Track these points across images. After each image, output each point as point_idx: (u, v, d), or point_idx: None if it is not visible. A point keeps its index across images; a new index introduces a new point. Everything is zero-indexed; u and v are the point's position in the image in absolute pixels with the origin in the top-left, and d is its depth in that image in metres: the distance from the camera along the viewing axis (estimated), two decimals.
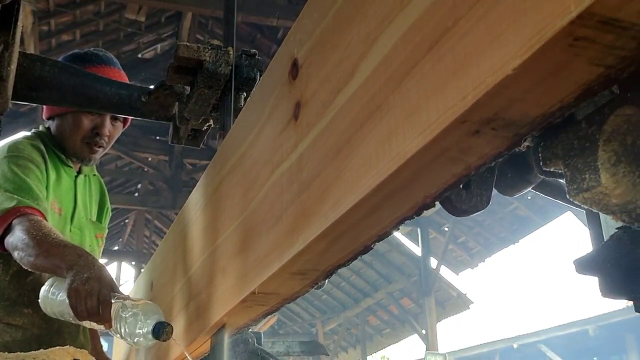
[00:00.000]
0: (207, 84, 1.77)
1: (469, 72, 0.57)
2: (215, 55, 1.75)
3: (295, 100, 0.94)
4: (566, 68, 0.52)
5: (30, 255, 1.70)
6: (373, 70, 0.73)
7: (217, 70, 1.75)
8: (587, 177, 0.57)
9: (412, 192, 0.71)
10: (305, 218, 0.85)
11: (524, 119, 0.58)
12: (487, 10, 0.56)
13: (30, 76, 1.96)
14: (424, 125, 0.62)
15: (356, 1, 0.79)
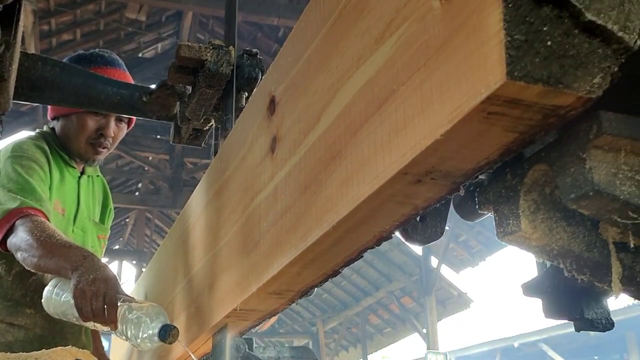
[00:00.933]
0: (208, 83, 1.79)
1: (408, 132, 0.66)
2: (217, 55, 1.77)
3: (272, 134, 1.03)
4: (486, 134, 0.61)
5: (34, 256, 1.72)
6: (335, 118, 0.82)
7: (219, 70, 1.77)
8: (510, 223, 0.66)
9: (369, 228, 0.81)
10: (279, 246, 0.95)
11: (458, 171, 0.68)
12: (421, 82, 0.65)
13: (32, 76, 1.99)
14: (374, 174, 0.72)
15: (323, 52, 0.89)
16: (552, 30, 0.56)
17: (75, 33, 10.98)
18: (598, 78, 0.56)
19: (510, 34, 0.54)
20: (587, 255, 0.66)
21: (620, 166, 0.59)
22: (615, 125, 0.58)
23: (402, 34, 0.70)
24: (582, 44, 0.56)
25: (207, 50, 1.78)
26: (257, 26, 10.79)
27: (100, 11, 10.74)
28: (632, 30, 0.57)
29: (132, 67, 11.62)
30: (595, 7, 0.56)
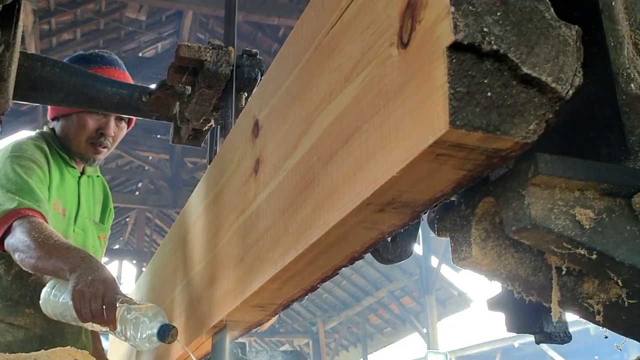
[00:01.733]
0: (208, 83, 1.80)
1: (370, 167, 0.73)
2: (217, 55, 1.78)
3: (256, 156, 1.11)
4: (437, 172, 0.68)
5: (32, 258, 1.72)
6: (310, 147, 0.90)
7: (218, 70, 1.77)
8: (464, 249, 0.73)
9: (340, 250, 0.88)
10: (260, 263, 1.02)
11: (416, 202, 0.75)
12: (382, 122, 0.72)
13: (32, 76, 1.99)
14: (341, 203, 0.79)
15: (301, 83, 0.96)
16: (492, 82, 0.63)
17: (75, 32, 11.03)
18: (533, 125, 0.63)
19: (454, 87, 0.61)
20: (532, 279, 0.74)
21: (556, 202, 0.66)
22: (550, 165, 0.65)
23: (367, 75, 0.77)
24: (520, 94, 0.64)
25: (207, 50, 1.78)
26: (257, 26, 10.84)
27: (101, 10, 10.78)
28: (565, 81, 0.64)
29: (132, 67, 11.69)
30: (532, 60, 0.64)
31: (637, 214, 0.69)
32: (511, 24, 0.64)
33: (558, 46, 0.65)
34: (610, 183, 0.67)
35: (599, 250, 0.66)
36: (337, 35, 0.86)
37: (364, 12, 0.80)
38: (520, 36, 0.64)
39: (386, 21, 0.74)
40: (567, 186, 0.67)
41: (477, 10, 0.63)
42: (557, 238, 0.66)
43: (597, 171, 0.67)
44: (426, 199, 0.74)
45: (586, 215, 0.66)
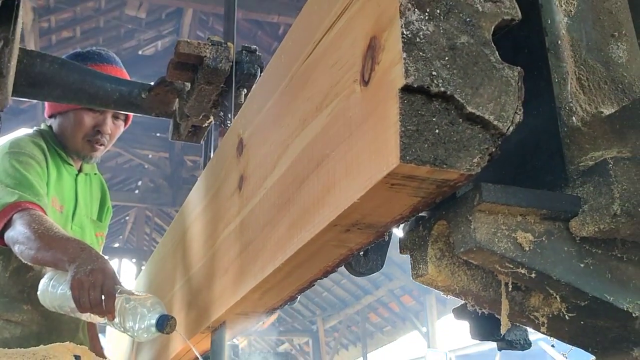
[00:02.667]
0: (207, 80, 1.80)
1: (336, 192, 0.82)
2: (216, 51, 1.78)
3: (240, 173, 1.19)
4: (394, 198, 0.76)
5: (32, 249, 1.72)
6: (286, 169, 0.98)
7: (218, 66, 1.77)
8: (421, 267, 0.82)
9: (314, 265, 0.96)
10: (243, 275, 1.10)
11: (378, 223, 0.83)
12: (346, 152, 0.80)
13: (31, 72, 1.99)
14: (312, 223, 0.87)
15: (279, 108, 1.04)
16: (440, 120, 0.71)
17: (75, 30, 11.08)
18: (477, 158, 0.71)
19: (405, 125, 0.69)
20: (483, 294, 0.82)
21: (500, 226, 0.74)
22: (493, 194, 0.73)
23: (335, 107, 0.85)
24: (465, 130, 0.72)
25: (206, 46, 1.79)
26: (257, 24, 10.90)
27: (100, 8, 10.82)
28: (506, 119, 0.72)
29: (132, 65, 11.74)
30: (476, 100, 0.72)
31: (574, 236, 0.77)
32: (458, 68, 0.72)
33: (501, 87, 0.73)
34: (549, 209, 0.75)
35: (538, 269, 0.74)
36: (310, 67, 0.94)
37: (332, 48, 0.88)
38: (466, 78, 0.72)
39: (351, 59, 0.82)
40: (509, 212, 0.75)
41: (427, 55, 0.71)
42: (500, 259, 0.74)
43: (537, 198, 0.75)
44: (387, 221, 0.82)
45: (526, 238, 0.74)
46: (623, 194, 0.73)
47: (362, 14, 0.81)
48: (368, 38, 0.78)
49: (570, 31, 0.87)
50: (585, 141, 0.81)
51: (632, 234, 0.75)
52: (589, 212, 0.75)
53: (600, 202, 0.74)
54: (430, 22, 0.73)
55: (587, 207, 0.76)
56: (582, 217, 0.76)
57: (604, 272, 0.77)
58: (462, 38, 0.74)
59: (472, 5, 0.76)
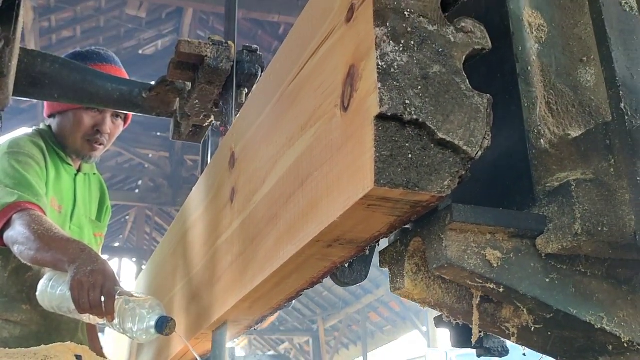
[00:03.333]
0: (208, 79, 1.81)
1: (319, 210, 0.87)
2: (217, 51, 1.78)
3: (232, 186, 1.24)
4: (371, 217, 0.82)
5: (31, 249, 1.73)
6: (274, 185, 1.03)
7: (219, 66, 1.78)
8: (398, 281, 0.87)
9: (300, 276, 1.02)
10: (234, 284, 1.16)
11: (358, 239, 0.89)
12: (328, 172, 0.86)
13: (32, 72, 2.00)
14: (297, 238, 0.93)
15: (268, 125, 1.10)
16: (412, 145, 0.76)
17: (75, 30, 11.13)
18: (448, 181, 0.77)
19: (379, 151, 0.75)
20: (457, 306, 0.87)
21: (470, 244, 0.80)
22: (464, 214, 0.79)
23: (318, 128, 0.90)
24: (437, 155, 0.77)
25: (207, 46, 1.79)
26: (257, 23, 10.94)
27: (101, 8, 10.86)
28: (475, 144, 0.78)
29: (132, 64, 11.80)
30: (447, 127, 0.77)
31: (541, 253, 0.82)
32: (430, 96, 0.78)
33: (470, 114, 0.79)
34: (516, 227, 0.81)
35: (506, 284, 0.80)
36: (297, 88, 1.00)
37: (317, 71, 0.93)
38: (437, 106, 0.78)
39: (333, 84, 0.88)
40: (479, 230, 0.80)
41: (401, 85, 0.77)
42: (470, 275, 0.79)
43: (505, 218, 0.81)
44: (367, 237, 0.88)
45: (494, 255, 0.80)
46: (584, 214, 0.78)
47: (343, 42, 0.86)
48: (348, 66, 0.84)
49: (540, 57, 0.93)
50: (552, 162, 0.86)
51: (593, 251, 0.81)
52: (553, 230, 0.81)
53: (564, 222, 0.80)
54: (404, 53, 0.78)
55: (552, 226, 0.81)
56: (547, 235, 0.81)
57: (569, 286, 0.82)
58: (434, 68, 0.79)
59: (445, 37, 0.81)
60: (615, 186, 0.80)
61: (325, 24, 0.92)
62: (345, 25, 0.86)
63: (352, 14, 0.84)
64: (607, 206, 0.79)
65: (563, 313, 0.81)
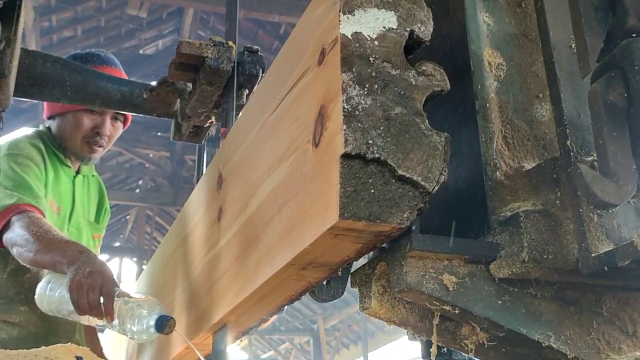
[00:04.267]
0: (209, 80, 1.82)
1: (293, 236, 0.96)
2: (218, 51, 1.80)
3: (219, 205, 1.33)
4: (339, 245, 0.91)
5: (30, 251, 1.75)
6: (256, 209, 1.12)
7: (219, 66, 1.79)
8: (366, 301, 0.96)
9: (279, 294, 1.11)
10: (220, 298, 1.25)
11: (330, 263, 0.97)
12: (301, 201, 0.94)
13: (32, 72, 2.02)
14: (274, 260, 1.01)
15: (252, 151, 1.18)
16: (375, 181, 0.85)
17: (76, 30, 11.19)
18: (407, 213, 0.85)
19: (344, 187, 0.84)
20: (420, 324, 0.96)
21: (428, 270, 0.88)
22: (422, 242, 0.87)
23: (293, 160, 0.99)
24: (397, 190, 0.86)
25: (208, 47, 1.81)
26: (258, 23, 11.01)
27: (101, 8, 10.93)
28: (432, 180, 0.86)
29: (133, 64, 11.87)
30: (406, 164, 0.86)
31: (494, 277, 0.91)
32: (391, 136, 0.86)
33: (429, 151, 0.87)
34: (471, 254, 0.90)
35: (460, 307, 0.88)
36: (276, 119, 1.09)
37: (293, 107, 1.02)
38: (398, 145, 0.86)
39: (306, 120, 0.96)
40: (437, 257, 0.89)
41: (365, 126, 0.85)
42: (428, 297, 0.88)
43: (460, 246, 0.90)
44: (337, 261, 0.97)
45: (451, 279, 0.88)
46: (531, 243, 0.87)
47: (316, 82, 0.95)
48: (319, 105, 0.92)
49: (499, 94, 1.01)
50: (507, 193, 0.95)
51: (541, 275, 0.89)
52: (504, 257, 0.90)
53: (513, 250, 0.88)
54: (368, 96, 0.87)
55: (504, 253, 0.90)
56: (499, 262, 0.90)
57: (519, 307, 0.91)
58: (396, 109, 0.88)
59: (407, 80, 0.90)
60: (561, 217, 0.88)
61: (301, 62, 1.01)
62: (318, 67, 0.95)
63: (324, 58, 0.93)
64: (552, 235, 0.88)
65: (514, 332, 0.90)
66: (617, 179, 0.76)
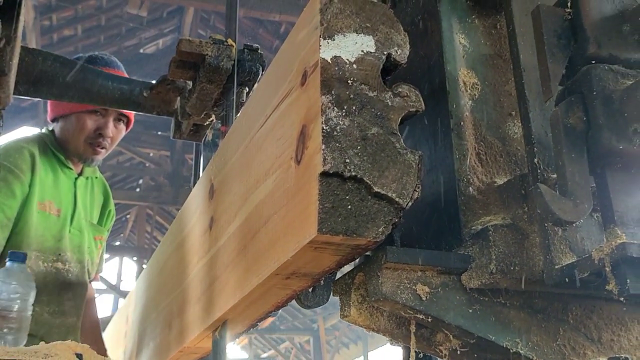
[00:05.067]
0: (209, 78, 1.83)
1: (276, 248, 1.02)
2: (218, 50, 1.82)
3: (210, 215, 1.39)
4: (320, 256, 0.97)
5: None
6: (244, 220, 1.18)
7: (219, 64, 1.81)
8: (346, 309, 1.02)
9: (266, 302, 1.17)
10: (211, 305, 1.31)
11: (312, 273, 1.03)
12: (284, 215, 1.01)
13: (33, 71, 2.04)
14: (259, 271, 1.07)
15: (240, 165, 1.24)
16: (352, 198, 0.91)
17: (76, 28, 11.25)
18: (382, 228, 0.91)
19: (322, 203, 0.90)
20: (397, 331, 1.02)
21: (402, 280, 0.94)
22: (396, 255, 0.93)
23: (278, 176, 1.05)
24: (373, 205, 0.92)
25: (208, 45, 1.82)
26: (258, 22, 11.07)
27: (102, 6, 10.98)
28: (406, 196, 0.92)
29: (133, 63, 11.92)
30: (382, 182, 0.92)
31: (465, 287, 0.97)
32: (368, 155, 0.92)
33: (403, 169, 0.93)
34: (443, 266, 0.96)
35: (433, 315, 0.94)
36: (263, 135, 1.15)
37: (278, 124, 1.08)
38: (374, 163, 0.92)
39: (290, 138, 1.02)
40: (411, 268, 0.95)
41: (342, 146, 0.91)
42: (402, 307, 0.94)
43: (433, 258, 0.96)
44: (319, 271, 1.03)
45: (424, 290, 0.94)
46: (499, 255, 0.93)
47: (298, 102, 1.01)
48: (301, 125, 0.98)
49: (473, 112, 1.07)
50: (479, 207, 1.01)
51: (509, 285, 0.95)
52: (475, 268, 0.96)
53: (482, 261, 0.94)
54: (346, 118, 0.93)
55: (474, 265, 0.96)
56: (470, 273, 0.96)
57: (489, 316, 0.97)
58: (372, 129, 0.94)
59: (383, 101, 0.96)
60: (528, 230, 0.94)
61: (286, 82, 1.07)
62: (300, 88, 1.01)
63: (305, 79, 0.99)
64: (519, 248, 0.94)
65: (484, 339, 0.96)
66: (575, 198, 0.82)
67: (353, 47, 0.97)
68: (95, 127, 2.34)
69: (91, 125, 2.34)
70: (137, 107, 2.19)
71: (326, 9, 0.97)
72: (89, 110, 2.35)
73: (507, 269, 0.93)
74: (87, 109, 2.35)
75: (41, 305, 2.22)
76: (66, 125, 2.37)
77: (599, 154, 0.85)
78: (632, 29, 0.87)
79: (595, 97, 0.85)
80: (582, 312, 1.01)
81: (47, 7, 10.35)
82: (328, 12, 0.97)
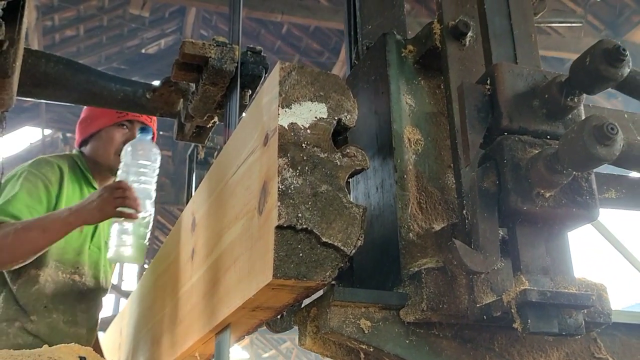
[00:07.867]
0: (212, 80, 1.86)
1: (241, 286, 1.20)
2: (221, 52, 1.84)
3: (192, 246, 1.57)
4: (278, 295, 1.14)
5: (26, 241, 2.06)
6: (218, 255, 1.36)
7: (223, 67, 1.83)
8: (302, 338, 1.19)
9: (238, 328, 1.35)
10: (191, 327, 1.49)
11: (274, 307, 1.21)
12: (249, 257, 1.18)
13: (36, 72, 2.07)
14: (230, 303, 1.25)
15: (217, 205, 1.42)
16: (303, 247, 1.08)
17: (78, 29, 11.42)
18: (329, 272, 1.09)
19: (277, 252, 1.07)
20: (347, 358, 1.20)
21: (348, 316, 1.12)
22: (342, 294, 1.11)
23: (245, 221, 1.23)
24: (322, 253, 1.09)
25: (211, 47, 1.85)
26: (260, 22, 11.21)
27: (104, 7, 11.14)
28: (350, 245, 1.10)
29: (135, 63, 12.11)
30: (329, 232, 1.09)
31: (404, 321, 1.15)
32: (318, 209, 1.10)
33: (349, 221, 1.10)
34: (384, 303, 1.13)
35: (374, 345, 1.12)
36: (234, 182, 1.32)
37: (246, 176, 1.25)
38: (323, 217, 1.09)
39: (255, 191, 1.20)
40: (356, 305, 1.13)
41: (295, 202, 1.09)
42: (347, 338, 1.12)
43: (375, 296, 1.13)
44: (280, 306, 1.20)
45: (366, 324, 1.12)
46: (429, 295, 1.10)
47: (261, 160, 1.18)
48: (263, 181, 1.16)
49: (416, 165, 1.24)
50: (417, 251, 1.18)
51: (440, 320, 1.13)
52: (410, 305, 1.13)
53: (416, 300, 1.12)
54: (300, 177, 1.10)
55: (410, 302, 1.13)
56: (407, 309, 1.13)
57: (424, 346, 1.14)
58: (322, 187, 1.11)
59: (333, 161, 1.13)
60: (456, 273, 1.12)
61: (253, 139, 1.24)
62: (263, 147, 1.18)
63: (267, 141, 1.16)
64: (448, 288, 1.11)
65: None
66: (485, 252, 0.99)
67: (308, 114, 1.14)
68: (124, 139, 2.48)
69: (119, 138, 2.50)
70: (140, 109, 2.27)
71: (284, 80, 1.14)
72: (116, 123, 2.52)
73: (437, 306, 1.10)
74: (114, 122, 2.53)
75: (57, 314, 2.37)
76: (96, 142, 2.53)
77: (508, 213, 1.02)
78: (540, 104, 1.04)
79: (505, 164, 1.01)
80: (506, 341, 1.18)
81: (49, 7, 10.52)
82: (286, 83, 1.14)
